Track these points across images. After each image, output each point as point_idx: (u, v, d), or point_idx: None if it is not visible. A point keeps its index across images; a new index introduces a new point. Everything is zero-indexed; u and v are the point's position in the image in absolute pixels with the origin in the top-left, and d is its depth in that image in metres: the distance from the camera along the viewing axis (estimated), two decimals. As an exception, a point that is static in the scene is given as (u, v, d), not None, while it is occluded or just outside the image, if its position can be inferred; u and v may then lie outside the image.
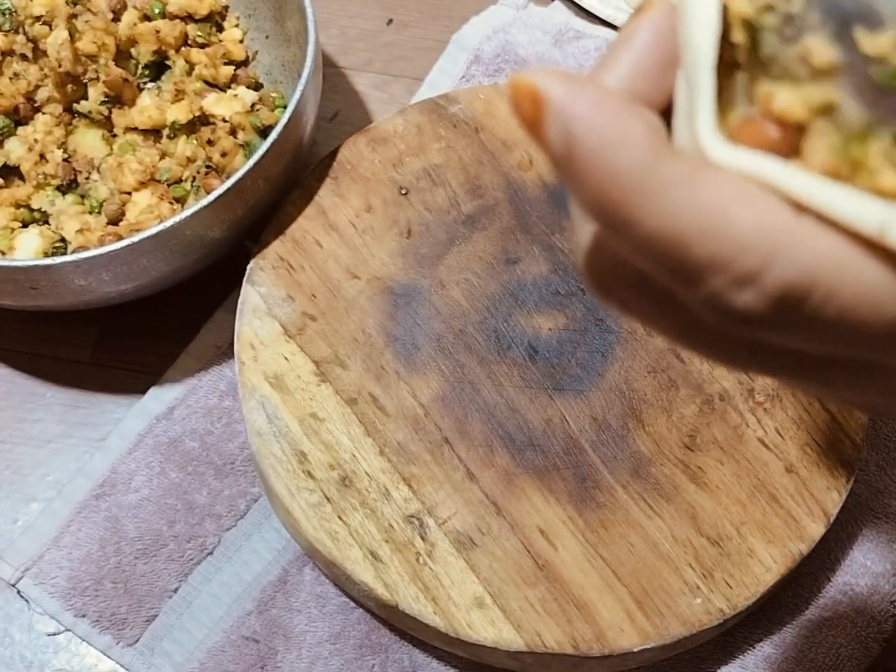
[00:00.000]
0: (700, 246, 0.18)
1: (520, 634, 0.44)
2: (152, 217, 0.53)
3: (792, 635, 0.49)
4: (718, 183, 0.18)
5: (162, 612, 0.49)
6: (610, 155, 0.18)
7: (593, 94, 0.19)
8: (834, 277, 0.18)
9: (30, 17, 0.57)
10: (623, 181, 0.18)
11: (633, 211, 0.18)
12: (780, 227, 0.18)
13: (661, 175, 0.18)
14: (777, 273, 0.18)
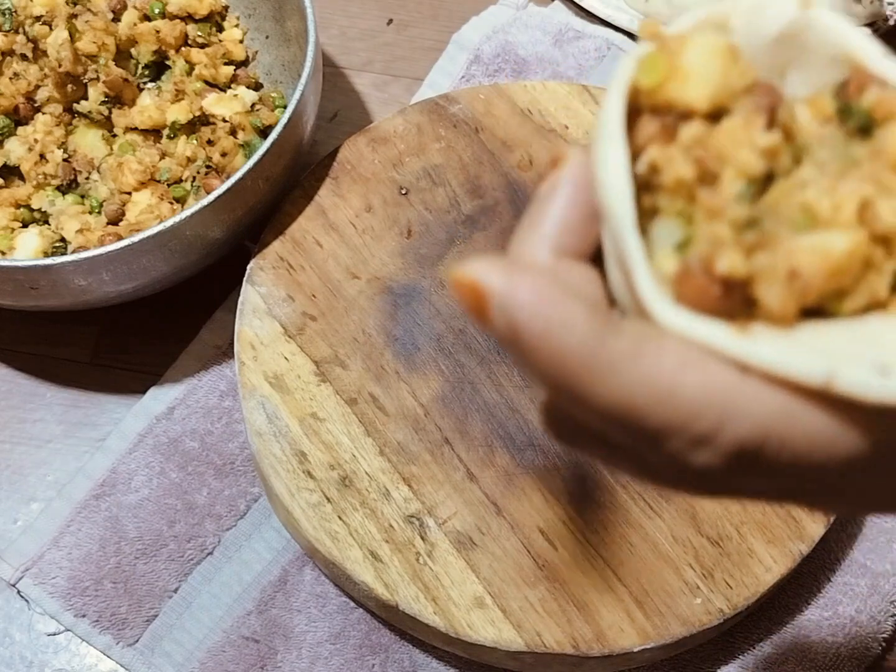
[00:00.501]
0: (653, 415, 0.19)
1: (520, 634, 0.44)
2: (152, 217, 0.53)
3: (792, 635, 0.49)
4: (662, 353, 0.19)
5: (162, 612, 0.49)
6: (555, 340, 0.19)
7: (531, 282, 0.20)
8: (785, 430, 0.19)
9: (30, 17, 0.57)
10: (571, 363, 0.19)
11: (583, 388, 0.19)
12: (727, 390, 0.19)
13: (605, 353, 0.19)
14: (729, 434, 0.19)
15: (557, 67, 0.64)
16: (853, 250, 0.20)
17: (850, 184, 0.20)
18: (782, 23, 0.22)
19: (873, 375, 0.18)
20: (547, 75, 0.63)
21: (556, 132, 0.56)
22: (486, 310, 0.20)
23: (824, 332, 0.20)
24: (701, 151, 0.21)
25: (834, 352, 0.19)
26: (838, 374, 0.18)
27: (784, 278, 0.20)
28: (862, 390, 0.18)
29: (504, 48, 0.64)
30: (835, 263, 0.20)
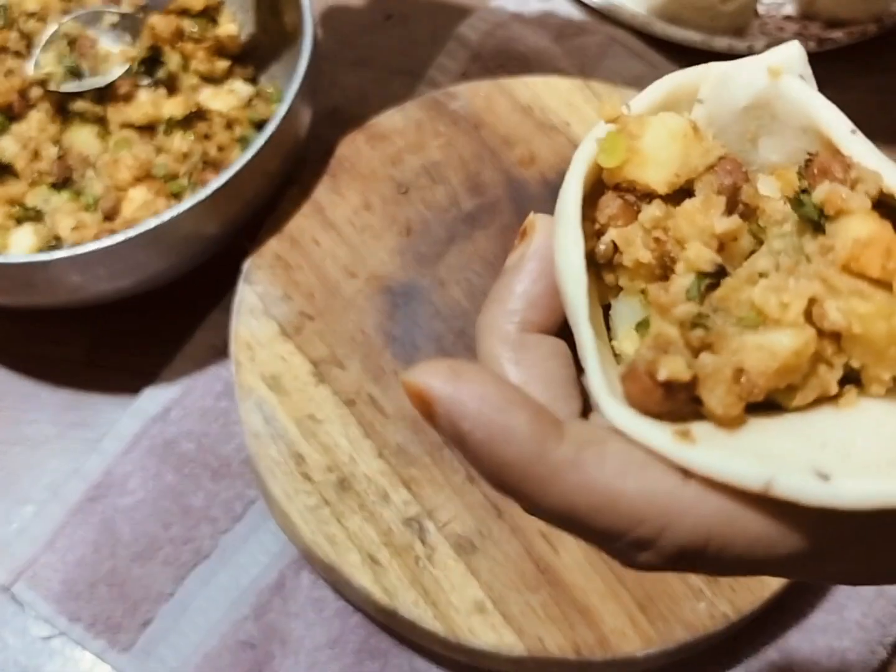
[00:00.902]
0: (595, 521, 0.20)
1: (521, 640, 0.43)
2: (148, 213, 0.52)
3: (797, 640, 0.48)
4: (603, 459, 0.20)
5: (157, 617, 0.48)
6: (498, 449, 0.20)
7: (474, 390, 0.20)
8: (726, 534, 0.19)
9: (23, 14, 0.56)
10: (513, 471, 0.20)
11: (527, 494, 0.20)
12: (667, 496, 0.19)
13: (546, 462, 0.20)
14: (669, 539, 0.19)
15: (559, 63, 0.63)
16: (800, 349, 0.20)
17: (799, 282, 0.20)
18: (751, 93, 0.23)
19: (812, 480, 0.19)
20: (548, 71, 0.62)
21: (558, 129, 0.56)
22: (433, 415, 0.20)
23: (770, 431, 0.21)
24: (660, 233, 0.22)
25: (775, 455, 0.19)
26: (777, 480, 0.19)
27: (729, 379, 0.20)
28: (800, 495, 0.19)
29: (505, 44, 0.63)
30: (781, 363, 0.20)
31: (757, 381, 0.20)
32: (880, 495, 0.18)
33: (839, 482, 0.19)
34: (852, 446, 0.20)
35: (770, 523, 0.19)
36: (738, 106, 0.23)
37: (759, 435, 0.20)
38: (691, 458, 0.19)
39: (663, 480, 0.19)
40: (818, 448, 0.20)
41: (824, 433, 0.20)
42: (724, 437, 0.20)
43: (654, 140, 0.22)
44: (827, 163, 0.21)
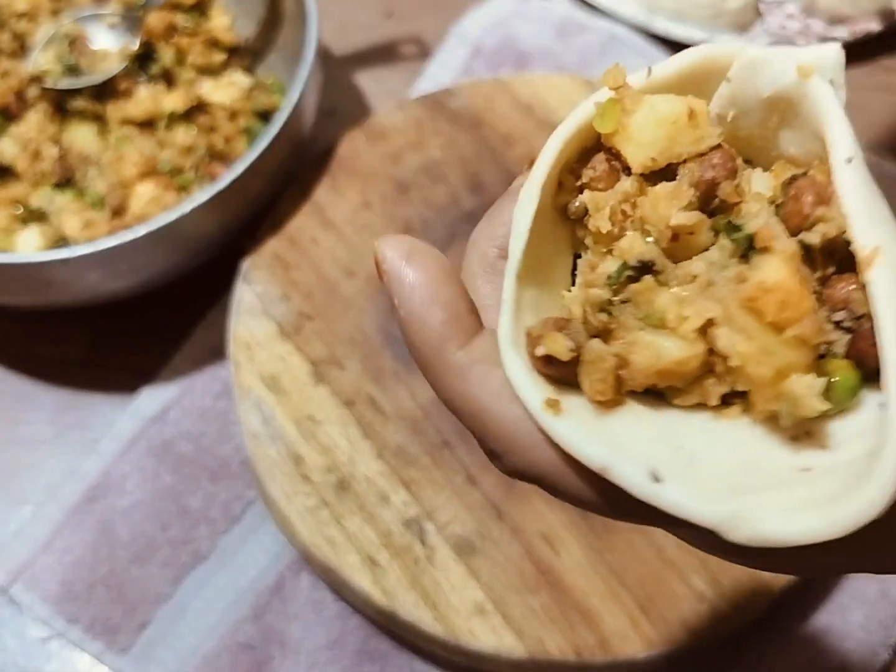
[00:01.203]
0: (466, 422, 0.23)
1: (521, 641, 0.43)
2: (158, 208, 0.52)
3: (800, 641, 0.48)
4: (486, 379, 0.22)
5: (156, 618, 0.48)
6: (412, 330, 0.23)
7: (414, 276, 0.23)
8: (557, 481, 0.22)
9: (13, 15, 0.56)
10: (417, 355, 0.23)
11: (425, 373, 0.23)
12: (521, 430, 0.22)
13: (441, 361, 0.23)
14: (512, 461, 0.23)
15: (560, 61, 0.63)
16: (683, 361, 0.21)
17: (705, 302, 0.21)
18: (777, 86, 0.23)
19: (642, 477, 0.20)
20: (549, 69, 0.62)
21: (559, 127, 0.55)
22: (381, 276, 0.24)
23: (639, 420, 0.22)
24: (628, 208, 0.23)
25: (625, 445, 0.21)
26: (613, 468, 0.20)
27: (609, 369, 0.22)
28: (628, 486, 0.20)
29: (505, 41, 0.63)
30: (663, 367, 0.22)
31: (636, 375, 0.22)
32: (694, 512, 0.20)
33: (668, 487, 0.20)
34: (704, 457, 0.21)
35: (585, 487, 0.22)
36: (762, 94, 0.23)
37: (625, 421, 0.22)
38: (550, 425, 0.21)
39: (524, 419, 0.22)
40: (672, 448, 0.21)
41: (688, 436, 0.22)
42: (592, 415, 0.22)
43: (641, 120, 0.23)
44: (804, 189, 0.22)
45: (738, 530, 0.20)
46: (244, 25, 0.60)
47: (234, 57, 0.59)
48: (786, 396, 0.20)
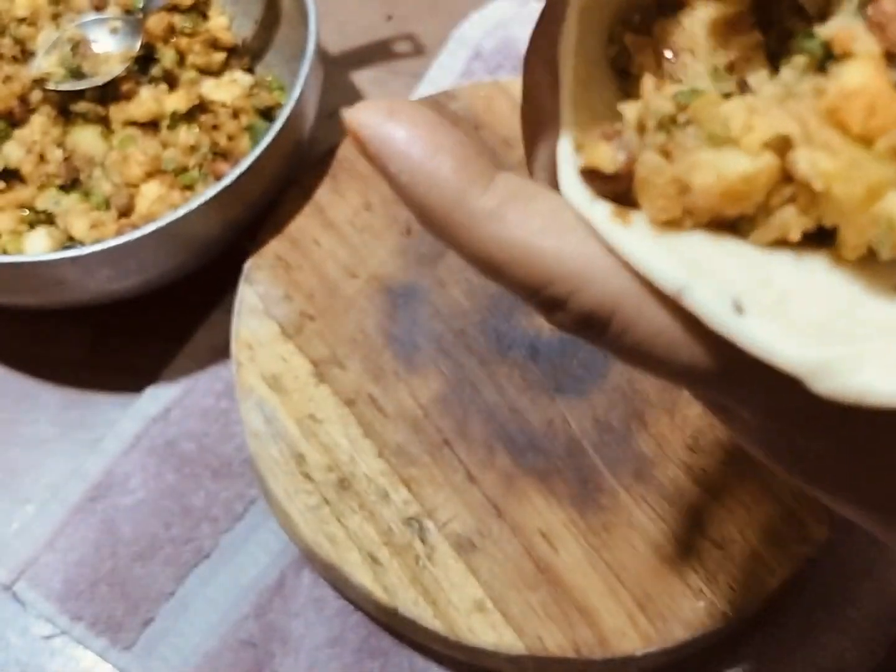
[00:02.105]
0: (512, 273, 0.20)
1: (521, 638, 0.44)
2: (165, 206, 0.53)
3: (797, 639, 0.48)
4: (526, 214, 0.19)
5: (158, 616, 0.49)
6: (420, 193, 0.20)
7: (405, 131, 0.20)
8: (630, 313, 0.19)
9: (14, 20, 0.57)
10: (435, 216, 0.20)
11: (449, 239, 0.20)
12: (583, 260, 0.19)
13: (466, 210, 0.20)
14: (577, 302, 0.19)
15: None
16: (750, 176, 0.18)
17: (775, 114, 0.18)
18: None
19: (725, 307, 0.18)
20: (548, 72, 0.62)
21: (558, 129, 0.56)
22: (367, 155, 0.20)
23: (716, 248, 0.19)
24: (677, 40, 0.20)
25: (704, 268, 0.18)
26: (690, 291, 0.18)
27: (666, 184, 0.19)
28: (705, 314, 0.18)
29: (505, 44, 0.63)
30: (727, 186, 0.19)
31: (698, 199, 0.19)
32: (781, 354, 0.17)
33: (752, 321, 0.18)
34: (795, 297, 0.18)
35: (676, 325, 0.19)
36: None
37: (700, 246, 0.19)
38: (619, 238, 0.19)
39: (583, 246, 0.19)
40: (758, 282, 0.19)
41: (775, 273, 0.19)
42: (663, 233, 0.19)
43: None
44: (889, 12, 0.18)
45: (830, 379, 0.17)
46: (242, 25, 0.61)
47: (232, 57, 0.60)
48: (881, 220, 0.17)
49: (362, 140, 0.20)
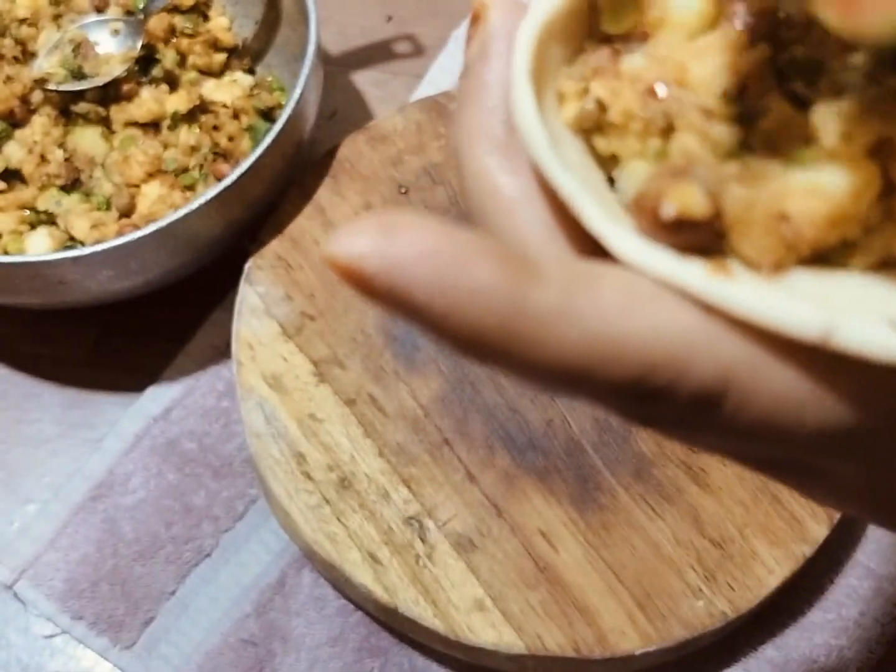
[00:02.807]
0: (603, 374, 0.16)
1: (521, 637, 0.44)
2: (165, 206, 0.53)
3: (795, 638, 0.48)
4: (601, 298, 0.16)
5: (159, 615, 0.49)
6: (465, 316, 0.15)
7: (420, 245, 0.15)
8: (747, 384, 0.16)
9: (15, 21, 0.57)
10: (489, 337, 0.15)
11: (513, 359, 0.16)
12: (685, 332, 0.16)
13: (529, 316, 0.15)
14: (685, 385, 0.16)
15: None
16: (859, 190, 0.16)
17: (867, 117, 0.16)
18: None
19: (886, 329, 0.15)
20: (548, 73, 0.63)
21: (557, 130, 0.56)
22: (371, 291, 0.15)
23: (824, 281, 0.17)
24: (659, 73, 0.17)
25: (834, 303, 0.16)
26: (839, 328, 0.15)
27: (770, 223, 0.16)
28: (869, 347, 0.15)
29: (504, 45, 0.64)
30: (834, 206, 0.16)
31: (802, 229, 0.16)
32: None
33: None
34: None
35: (804, 380, 0.16)
36: None
37: (809, 282, 0.16)
38: (729, 295, 0.15)
39: (679, 316, 0.16)
40: (890, 300, 0.16)
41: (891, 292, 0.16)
42: (763, 280, 0.16)
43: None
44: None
45: None
46: (243, 26, 0.61)
47: (233, 57, 0.60)
48: None
49: (365, 276, 0.15)
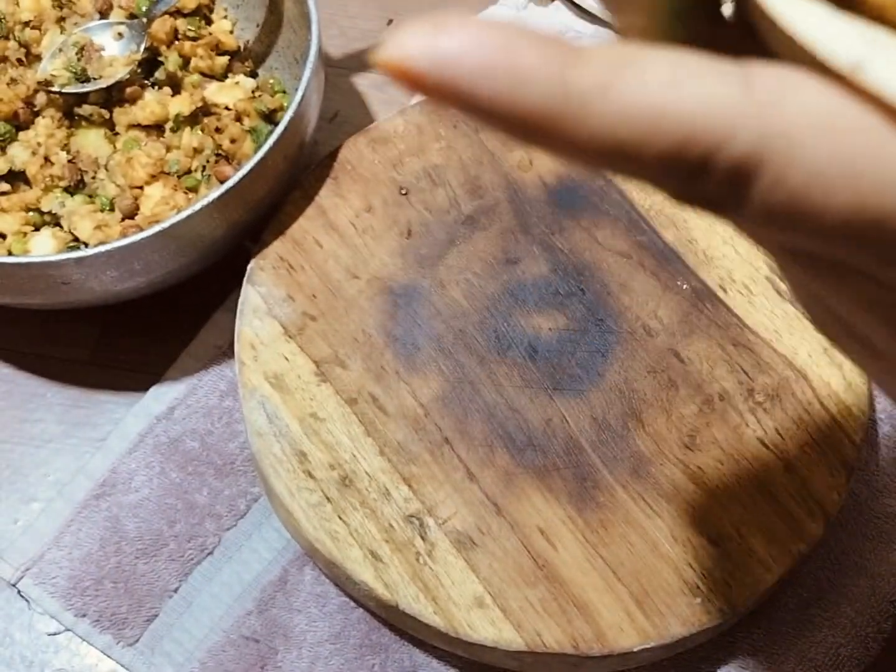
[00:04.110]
0: (645, 145, 0.16)
1: (520, 634, 0.44)
2: (168, 208, 0.53)
3: (792, 635, 0.49)
4: (646, 71, 0.16)
5: (162, 612, 0.49)
6: (512, 100, 0.16)
7: (467, 36, 0.16)
8: (782, 159, 0.16)
9: (19, 23, 0.57)
10: (537, 116, 0.16)
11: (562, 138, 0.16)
12: (728, 100, 0.16)
13: (575, 93, 0.16)
14: (724, 155, 0.16)
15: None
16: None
17: None
18: None
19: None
20: (547, 75, 0.63)
21: (557, 132, 0.56)
22: (426, 88, 0.16)
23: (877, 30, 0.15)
24: None
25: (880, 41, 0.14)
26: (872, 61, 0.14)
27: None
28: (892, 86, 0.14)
29: (504, 48, 0.64)
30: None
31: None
32: None
33: None
34: None
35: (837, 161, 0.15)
36: None
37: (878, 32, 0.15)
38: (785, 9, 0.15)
39: (722, 89, 0.16)
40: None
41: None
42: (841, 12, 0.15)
43: None
44: None
45: None
46: (245, 29, 0.62)
47: (235, 60, 0.60)
48: None
49: (418, 74, 0.16)
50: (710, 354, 0.50)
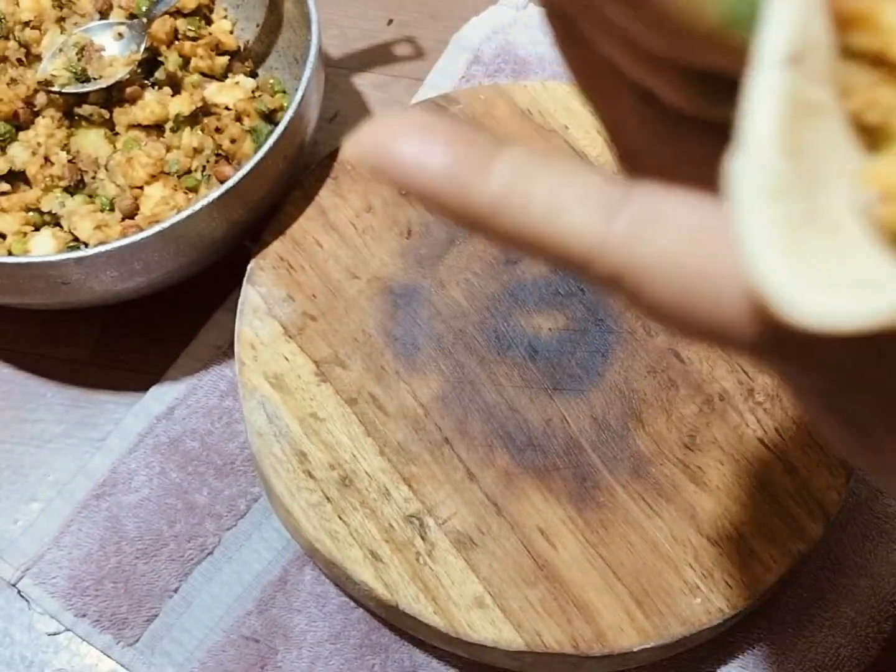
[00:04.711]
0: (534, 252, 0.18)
1: (520, 634, 0.44)
2: (168, 208, 0.53)
3: (792, 635, 0.49)
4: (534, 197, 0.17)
5: (162, 612, 0.49)
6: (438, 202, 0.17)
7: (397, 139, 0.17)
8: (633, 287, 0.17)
9: (19, 23, 0.57)
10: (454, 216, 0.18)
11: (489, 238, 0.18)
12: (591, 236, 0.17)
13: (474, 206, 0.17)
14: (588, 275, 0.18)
15: (558, 68, 0.64)
16: None
17: None
18: None
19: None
20: (547, 76, 0.63)
21: (557, 132, 0.57)
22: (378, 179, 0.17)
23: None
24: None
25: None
26: None
27: None
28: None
29: (504, 48, 0.64)
30: None
31: None
32: None
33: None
34: None
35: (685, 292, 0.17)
36: None
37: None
38: None
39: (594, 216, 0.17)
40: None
41: None
42: None
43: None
44: None
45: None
46: (245, 29, 0.62)
47: (235, 60, 0.61)
48: None
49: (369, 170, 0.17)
50: (710, 354, 0.50)
